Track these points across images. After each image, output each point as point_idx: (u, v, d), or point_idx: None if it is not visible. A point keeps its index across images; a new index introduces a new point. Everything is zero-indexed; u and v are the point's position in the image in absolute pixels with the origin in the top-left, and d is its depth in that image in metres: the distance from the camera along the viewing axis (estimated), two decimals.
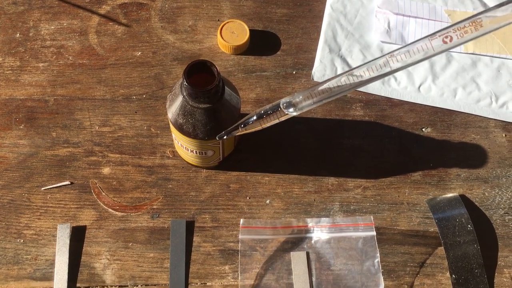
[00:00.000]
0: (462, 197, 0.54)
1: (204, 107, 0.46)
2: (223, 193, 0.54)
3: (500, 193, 0.55)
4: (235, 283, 0.50)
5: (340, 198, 0.54)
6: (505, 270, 0.51)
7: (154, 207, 0.53)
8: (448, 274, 0.51)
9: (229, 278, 0.50)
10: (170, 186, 0.54)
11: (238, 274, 0.50)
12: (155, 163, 0.55)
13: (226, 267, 0.51)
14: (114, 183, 0.54)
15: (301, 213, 0.53)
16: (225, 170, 0.55)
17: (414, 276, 0.51)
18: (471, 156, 0.57)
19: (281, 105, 0.41)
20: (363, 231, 0.51)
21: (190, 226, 0.52)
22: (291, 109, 0.41)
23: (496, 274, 0.51)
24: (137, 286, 0.49)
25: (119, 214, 0.53)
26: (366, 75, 0.39)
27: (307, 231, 0.52)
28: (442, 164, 0.56)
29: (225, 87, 0.47)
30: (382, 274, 0.50)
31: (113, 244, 0.51)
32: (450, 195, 0.54)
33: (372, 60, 0.39)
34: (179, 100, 0.47)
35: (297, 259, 0.51)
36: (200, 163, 0.53)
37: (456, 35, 0.38)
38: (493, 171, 0.56)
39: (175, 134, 0.50)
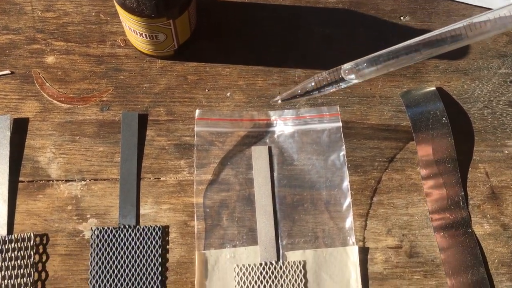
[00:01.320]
0: (439, 90, 0.50)
1: None
2: (180, 85, 0.50)
3: (480, 85, 0.51)
4: (191, 178, 0.47)
5: None
6: (480, 165, 0.48)
7: (104, 99, 0.49)
8: (418, 168, 0.47)
9: (185, 173, 0.47)
10: (122, 77, 0.50)
11: (194, 169, 0.47)
12: (104, 52, 0.50)
13: (182, 162, 0.47)
14: (59, 73, 0.49)
15: (264, 107, 0.49)
16: (182, 60, 0.50)
17: (383, 171, 0.48)
18: None
19: (342, 72, 0.38)
20: (328, 122, 0.48)
21: (143, 120, 0.48)
22: (353, 76, 0.38)
23: (470, 169, 0.48)
24: (85, 180, 0.46)
25: (65, 106, 0.48)
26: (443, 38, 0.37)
27: (270, 124, 0.48)
28: None
29: None
30: (349, 170, 0.47)
31: (58, 137, 0.47)
32: (426, 87, 0.50)
33: (448, 27, 0.37)
34: None
35: (258, 153, 0.47)
36: (153, 50, 0.48)
37: None
38: (474, 63, 0.51)
39: (121, 15, 0.45)
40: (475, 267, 0.44)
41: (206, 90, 0.50)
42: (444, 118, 0.48)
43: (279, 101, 0.41)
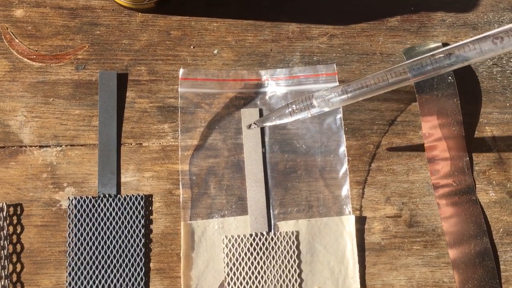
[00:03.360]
0: (445, 46, 0.46)
1: None
2: (162, 41, 0.46)
3: None
4: (176, 143, 0.43)
5: (302, 47, 0.46)
6: (486, 127, 0.45)
7: (79, 57, 0.45)
8: (421, 132, 0.44)
9: (169, 138, 0.43)
10: (98, 32, 0.45)
11: (178, 133, 0.43)
12: (78, 4, 0.46)
13: (165, 126, 0.44)
14: (29, 28, 0.45)
15: (255, 65, 0.45)
16: (164, 14, 0.46)
17: (382, 135, 0.44)
18: None
19: (314, 101, 0.38)
20: (324, 82, 0.44)
21: (122, 79, 0.44)
22: (323, 104, 0.38)
23: (476, 132, 0.45)
24: (61, 146, 0.43)
25: (37, 64, 0.44)
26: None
27: (261, 85, 0.44)
28: (425, 7, 0.47)
29: None
30: (346, 134, 0.44)
31: (30, 99, 0.43)
32: (431, 43, 0.46)
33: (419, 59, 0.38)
34: None
35: (248, 116, 0.44)
36: (133, 2, 0.44)
37: None
38: (484, 16, 0.47)
39: None
40: (478, 236, 0.42)
41: (191, 47, 0.46)
42: (450, 77, 0.44)
43: (253, 126, 0.40)
